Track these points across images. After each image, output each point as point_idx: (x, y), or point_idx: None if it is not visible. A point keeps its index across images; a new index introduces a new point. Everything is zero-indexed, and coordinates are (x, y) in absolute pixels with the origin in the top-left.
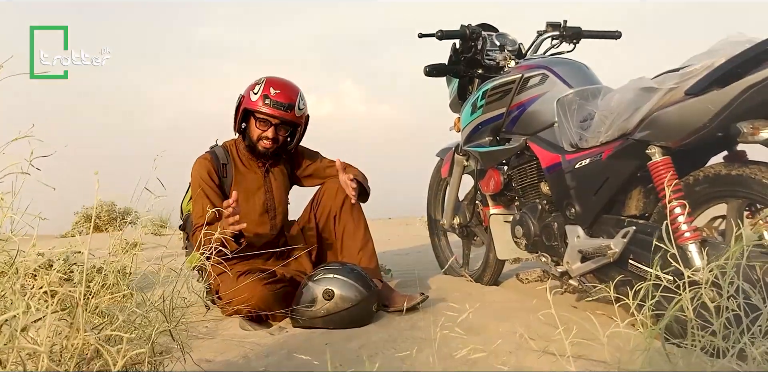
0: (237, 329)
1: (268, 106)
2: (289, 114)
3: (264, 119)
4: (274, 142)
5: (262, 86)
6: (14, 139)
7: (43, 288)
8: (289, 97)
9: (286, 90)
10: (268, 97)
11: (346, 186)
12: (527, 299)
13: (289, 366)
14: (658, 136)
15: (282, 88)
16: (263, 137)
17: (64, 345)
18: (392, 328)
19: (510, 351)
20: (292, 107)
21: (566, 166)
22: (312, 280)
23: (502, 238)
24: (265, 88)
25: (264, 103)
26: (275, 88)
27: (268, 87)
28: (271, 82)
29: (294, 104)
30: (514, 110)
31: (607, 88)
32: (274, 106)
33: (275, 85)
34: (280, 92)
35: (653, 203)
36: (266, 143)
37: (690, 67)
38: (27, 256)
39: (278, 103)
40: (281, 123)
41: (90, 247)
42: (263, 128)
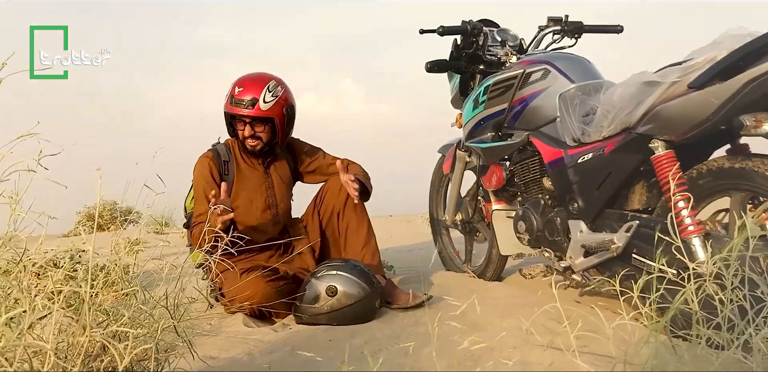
0: (240, 326)
1: (234, 107)
2: (252, 110)
3: (239, 119)
4: (258, 140)
5: (230, 88)
6: (20, 137)
7: (48, 286)
8: (251, 93)
9: (250, 86)
10: (233, 96)
11: (348, 186)
12: (530, 294)
13: (293, 363)
14: (661, 130)
15: (246, 85)
16: (245, 137)
17: (70, 342)
18: (395, 325)
19: (514, 346)
20: (255, 102)
21: (569, 161)
22: (315, 276)
23: (505, 234)
24: (232, 89)
25: (231, 104)
26: (239, 86)
27: (234, 87)
28: (239, 81)
29: (257, 98)
30: (516, 105)
31: (609, 82)
32: (236, 105)
33: (240, 83)
34: (243, 89)
35: (656, 197)
36: (251, 142)
37: (692, 60)
38: (33, 254)
39: (239, 101)
40: (253, 120)
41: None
42: (241, 128)
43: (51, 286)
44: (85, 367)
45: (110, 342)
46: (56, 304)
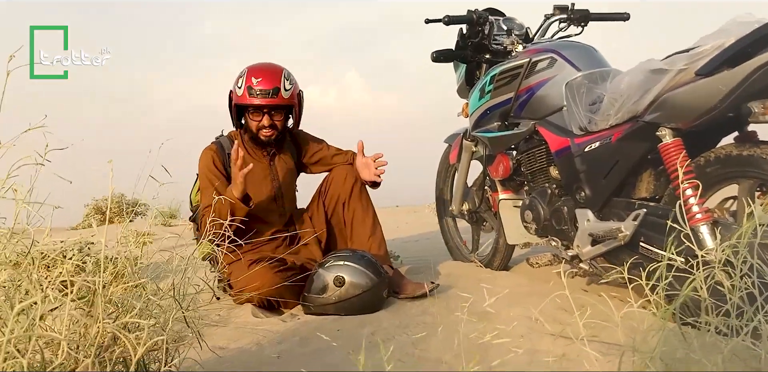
0: (249, 317)
1: (254, 97)
2: (276, 99)
3: (255, 109)
4: (273, 129)
5: (244, 78)
6: (27, 130)
7: (59, 277)
8: (271, 82)
9: (267, 75)
10: (251, 87)
11: (369, 166)
12: (538, 284)
13: (302, 352)
14: (669, 118)
15: (263, 74)
16: (261, 127)
17: (81, 333)
18: (403, 314)
19: (522, 335)
20: (277, 91)
21: (576, 150)
22: (323, 267)
23: (512, 223)
24: (247, 79)
25: (249, 95)
26: (256, 77)
27: (249, 77)
28: (251, 72)
29: (279, 87)
30: (522, 94)
31: (616, 70)
32: (260, 95)
33: (256, 73)
34: (262, 79)
35: (664, 185)
36: (266, 132)
37: (700, 47)
38: (42, 246)
39: (263, 91)
40: (273, 109)
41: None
42: (257, 118)
43: (61, 277)
44: (96, 359)
45: (122, 333)
46: (68, 295)
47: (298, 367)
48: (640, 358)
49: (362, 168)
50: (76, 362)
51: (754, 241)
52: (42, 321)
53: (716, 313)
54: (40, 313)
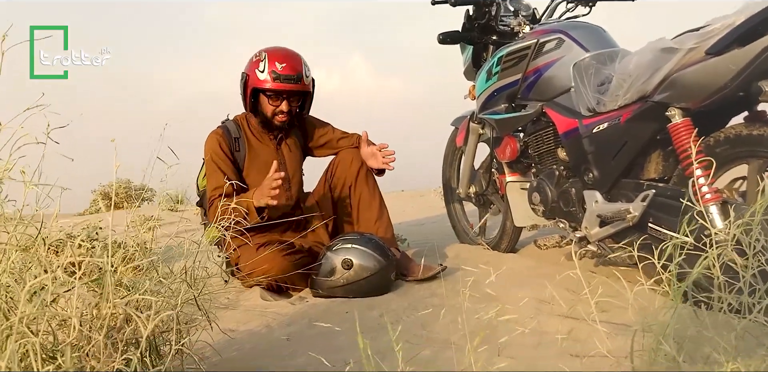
0: (258, 300)
1: (278, 82)
2: (299, 85)
3: (275, 95)
4: (288, 115)
5: (266, 63)
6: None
7: (69, 258)
8: (295, 68)
9: (290, 61)
10: (276, 72)
11: (375, 155)
12: (545, 265)
13: (312, 334)
14: (679, 98)
15: (286, 60)
16: (278, 112)
17: (94, 314)
18: (411, 296)
19: (531, 316)
20: (300, 78)
21: (584, 131)
22: (331, 250)
23: (519, 206)
24: (270, 64)
25: (274, 80)
26: (280, 62)
27: (272, 62)
28: (273, 56)
29: (302, 74)
30: (530, 76)
31: (625, 51)
32: (285, 81)
33: (279, 58)
34: (286, 65)
35: (672, 166)
36: (282, 117)
37: (710, 26)
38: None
39: (288, 77)
40: (293, 94)
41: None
42: (276, 103)
43: (70, 258)
44: (108, 340)
45: (133, 312)
46: (78, 279)
47: (308, 349)
48: (653, 337)
49: (368, 157)
50: (88, 342)
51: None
52: (54, 303)
53: (729, 290)
54: (51, 295)
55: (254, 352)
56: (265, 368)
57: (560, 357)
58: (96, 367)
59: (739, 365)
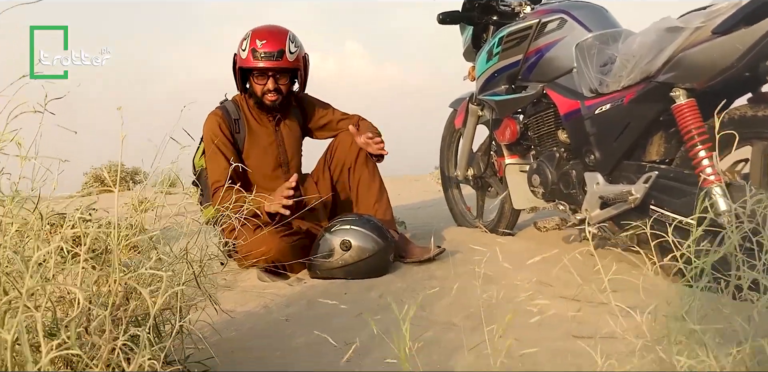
0: (255, 281)
1: (258, 60)
2: (281, 61)
3: (260, 73)
4: (278, 93)
5: (248, 41)
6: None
7: (72, 230)
8: (276, 45)
9: (272, 37)
10: (255, 50)
11: (368, 145)
12: (545, 248)
13: (311, 315)
14: (684, 78)
15: (267, 36)
16: (266, 91)
17: (93, 291)
18: (410, 278)
19: (533, 298)
20: (282, 53)
21: (586, 113)
22: (329, 231)
23: (518, 188)
24: (252, 42)
25: (254, 58)
26: (261, 39)
27: (254, 40)
28: (256, 34)
29: (284, 50)
30: (531, 56)
31: (628, 31)
32: (265, 58)
33: (260, 36)
34: (267, 41)
35: (675, 148)
36: (271, 96)
37: (717, 5)
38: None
39: (268, 54)
40: (278, 72)
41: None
42: (262, 82)
43: (73, 230)
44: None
45: (140, 288)
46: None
47: (308, 329)
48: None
49: (363, 147)
50: (89, 320)
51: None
52: (53, 279)
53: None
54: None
55: (253, 333)
56: (264, 348)
57: (565, 338)
58: (98, 343)
59: (763, 341)
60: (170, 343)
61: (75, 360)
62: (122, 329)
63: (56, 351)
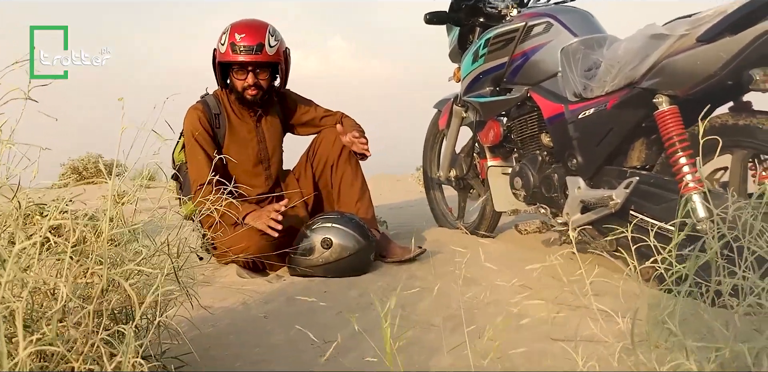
0: (234, 277)
1: (237, 54)
2: (260, 55)
3: (240, 67)
4: (259, 89)
5: (227, 35)
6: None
7: (52, 221)
8: (256, 38)
9: (251, 31)
10: (234, 44)
11: (352, 144)
12: (525, 250)
13: (290, 312)
14: (667, 85)
15: (246, 30)
16: (246, 86)
17: (72, 283)
18: (390, 278)
19: (512, 300)
20: (261, 47)
21: (569, 117)
22: (310, 229)
23: (500, 190)
24: (230, 36)
25: (233, 52)
26: (239, 33)
27: (233, 33)
28: (235, 28)
29: (263, 43)
30: (516, 59)
31: (613, 37)
32: (244, 52)
33: (239, 29)
34: (246, 35)
35: (656, 154)
36: (251, 91)
37: (702, 13)
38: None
39: (247, 47)
40: (258, 66)
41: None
42: (242, 77)
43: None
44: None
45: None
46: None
47: (287, 326)
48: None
49: (349, 144)
50: (64, 312)
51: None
52: (29, 270)
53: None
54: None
55: (231, 329)
56: (241, 345)
57: (545, 340)
58: (76, 337)
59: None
60: (147, 337)
61: (52, 354)
62: (100, 323)
63: (35, 345)
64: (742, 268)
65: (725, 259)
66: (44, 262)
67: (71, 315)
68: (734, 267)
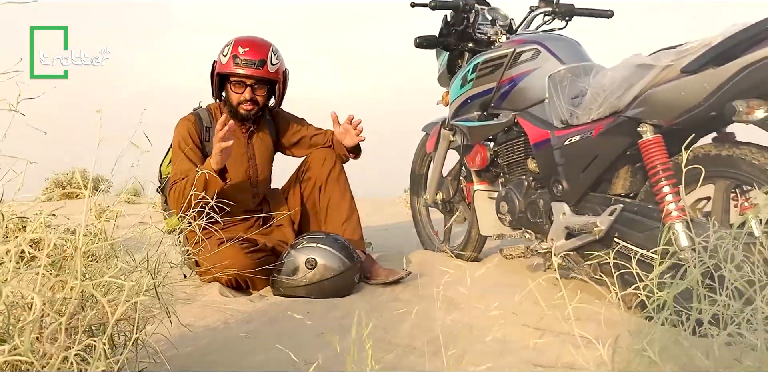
0: (216, 295)
1: (238, 66)
2: (261, 71)
3: (238, 81)
4: (254, 104)
5: (230, 47)
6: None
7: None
8: (259, 54)
9: (255, 47)
10: (237, 56)
11: (348, 131)
12: (510, 275)
13: (271, 333)
14: (651, 114)
15: (251, 45)
16: (242, 101)
17: (49, 297)
18: (374, 300)
19: (495, 324)
20: (263, 63)
21: (555, 143)
22: (295, 248)
23: (486, 214)
24: (234, 48)
25: (234, 64)
26: (243, 47)
27: (236, 46)
28: (239, 42)
29: (265, 60)
30: (504, 85)
31: (599, 66)
32: (245, 65)
33: (243, 44)
34: (249, 49)
35: (640, 182)
36: (246, 106)
37: (687, 44)
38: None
39: (249, 61)
40: (257, 82)
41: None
42: (239, 90)
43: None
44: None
45: (99, 296)
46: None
47: (268, 346)
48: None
49: (342, 136)
50: (41, 326)
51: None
52: (5, 283)
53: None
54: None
55: (210, 348)
56: (221, 364)
57: (526, 366)
58: (50, 352)
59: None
60: (124, 354)
61: (24, 368)
62: (76, 338)
63: (7, 355)
64: (722, 296)
65: (707, 288)
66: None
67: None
68: (715, 295)
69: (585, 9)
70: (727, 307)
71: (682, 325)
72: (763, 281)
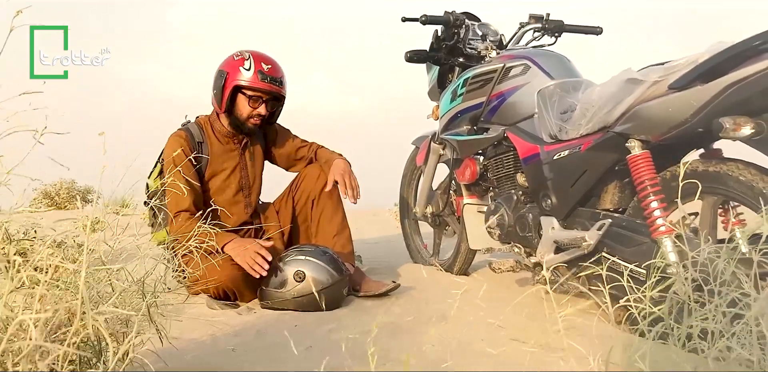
0: (204, 308)
1: (264, 82)
2: (281, 88)
3: (257, 96)
4: (261, 118)
5: (251, 62)
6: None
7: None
8: (279, 72)
9: (275, 64)
10: (263, 72)
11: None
12: (499, 289)
13: (259, 346)
14: (639, 130)
15: (271, 62)
16: (255, 115)
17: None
18: (363, 313)
19: (482, 339)
20: (283, 82)
21: (544, 158)
22: (283, 261)
23: (475, 228)
24: (257, 64)
25: (260, 79)
26: (266, 63)
27: (258, 62)
28: (259, 57)
29: (284, 79)
30: (494, 100)
31: (589, 81)
32: (271, 82)
33: (264, 60)
34: (272, 67)
35: (629, 197)
36: (255, 120)
37: (675, 61)
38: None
39: (273, 79)
40: (272, 98)
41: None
42: (255, 105)
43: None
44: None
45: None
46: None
47: (255, 360)
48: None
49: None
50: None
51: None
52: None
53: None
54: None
55: (197, 362)
56: None
57: None
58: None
59: None
60: (111, 368)
61: None
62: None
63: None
64: (712, 312)
65: (697, 303)
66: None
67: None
68: (703, 309)
69: (574, 25)
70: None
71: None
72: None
